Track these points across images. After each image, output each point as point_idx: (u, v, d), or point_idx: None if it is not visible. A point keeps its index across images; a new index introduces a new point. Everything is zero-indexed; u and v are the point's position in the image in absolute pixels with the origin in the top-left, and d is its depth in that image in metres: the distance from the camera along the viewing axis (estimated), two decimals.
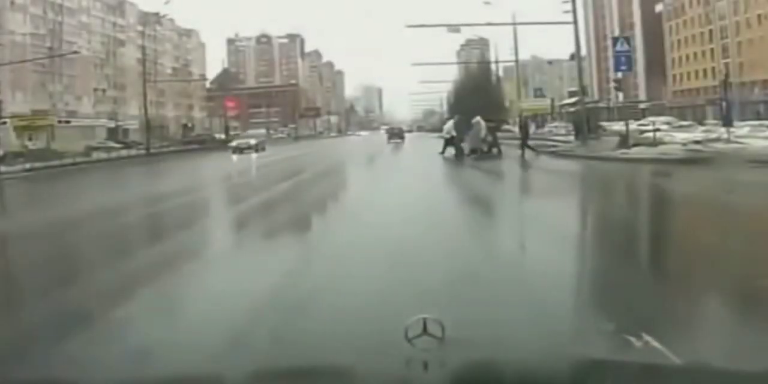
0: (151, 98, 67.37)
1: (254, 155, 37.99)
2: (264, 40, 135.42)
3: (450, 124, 26.96)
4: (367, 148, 44.51)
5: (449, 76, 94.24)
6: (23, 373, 3.66)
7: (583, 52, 63.71)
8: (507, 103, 67.77)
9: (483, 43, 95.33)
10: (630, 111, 43.16)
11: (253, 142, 43.22)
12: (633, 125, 31.11)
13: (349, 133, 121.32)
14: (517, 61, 54.90)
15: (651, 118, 48.85)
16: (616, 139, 25.32)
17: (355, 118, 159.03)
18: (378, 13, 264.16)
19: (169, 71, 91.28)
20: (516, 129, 54.95)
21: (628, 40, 28.60)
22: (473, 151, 24.71)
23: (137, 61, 70.02)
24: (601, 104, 69.91)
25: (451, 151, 25.45)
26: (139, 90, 59.43)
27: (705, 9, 71.04)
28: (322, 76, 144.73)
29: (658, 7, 79.59)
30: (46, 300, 5.97)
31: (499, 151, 25.32)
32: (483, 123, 25.42)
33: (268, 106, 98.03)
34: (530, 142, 26.24)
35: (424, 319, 1.64)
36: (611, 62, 30.94)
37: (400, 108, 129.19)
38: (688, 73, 75.06)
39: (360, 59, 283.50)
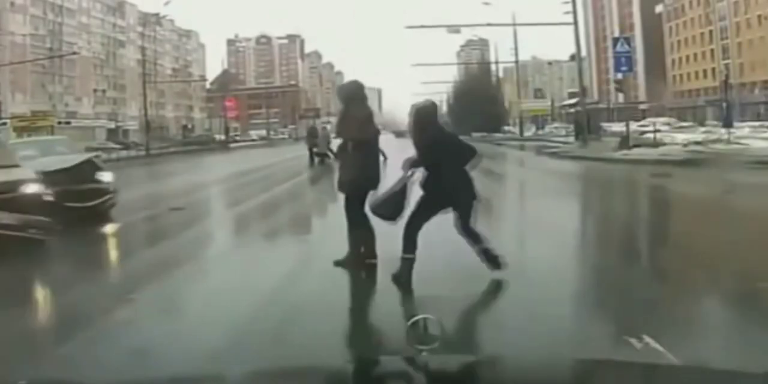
0: (151, 99, 67.43)
1: None
2: (264, 40, 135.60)
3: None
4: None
5: (449, 76, 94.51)
6: (23, 373, 3.66)
7: (583, 52, 63.72)
8: (507, 104, 67.88)
9: (483, 44, 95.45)
10: (630, 112, 43.18)
11: None
12: (633, 126, 31.09)
13: None
14: (517, 61, 54.95)
15: (651, 119, 48.87)
16: (616, 140, 25.29)
17: None
18: (378, 14, 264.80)
19: (168, 72, 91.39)
20: (516, 130, 55.23)
21: (628, 40, 28.40)
22: (320, 155, 23.74)
23: (137, 62, 70.11)
24: (601, 105, 69.96)
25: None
26: (139, 91, 59.46)
27: (705, 10, 71.02)
28: (322, 76, 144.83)
29: (658, 8, 79.59)
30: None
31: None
32: (328, 128, 25.25)
33: (268, 107, 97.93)
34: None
35: (424, 319, 1.64)
36: (611, 63, 30.94)
37: (400, 109, 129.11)
38: (688, 74, 75.04)
39: (360, 60, 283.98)
